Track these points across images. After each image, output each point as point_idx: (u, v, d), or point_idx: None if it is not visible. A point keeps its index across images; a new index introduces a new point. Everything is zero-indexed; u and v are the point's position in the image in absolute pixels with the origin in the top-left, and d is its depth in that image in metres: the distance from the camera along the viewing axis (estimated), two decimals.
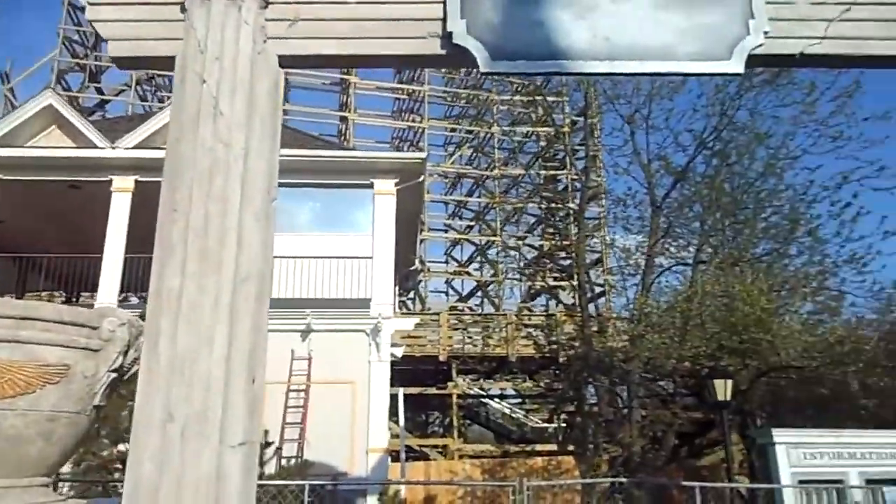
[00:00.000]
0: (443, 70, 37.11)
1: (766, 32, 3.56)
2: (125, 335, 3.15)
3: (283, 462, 10.85)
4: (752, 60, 3.60)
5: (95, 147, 12.94)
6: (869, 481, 10.16)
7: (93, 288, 13.09)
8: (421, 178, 13.95)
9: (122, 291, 12.90)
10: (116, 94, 32.44)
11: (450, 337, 18.58)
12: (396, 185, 13.69)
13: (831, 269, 13.40)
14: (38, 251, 14.28)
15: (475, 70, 3.55)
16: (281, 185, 11.84)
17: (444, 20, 3.52)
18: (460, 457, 16.94)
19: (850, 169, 14.22)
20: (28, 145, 13.53)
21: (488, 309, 24.95)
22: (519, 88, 30.87)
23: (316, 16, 3.61)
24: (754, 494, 12.10)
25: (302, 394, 11.94)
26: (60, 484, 6.59)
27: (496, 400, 22.05)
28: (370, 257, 13.06)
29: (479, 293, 28.52)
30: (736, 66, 3.54)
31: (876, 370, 12.64)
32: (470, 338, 18.71)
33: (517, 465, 14.61)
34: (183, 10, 3.52)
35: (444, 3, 3.51)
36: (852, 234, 13.44)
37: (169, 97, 18.75)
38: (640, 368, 12.36)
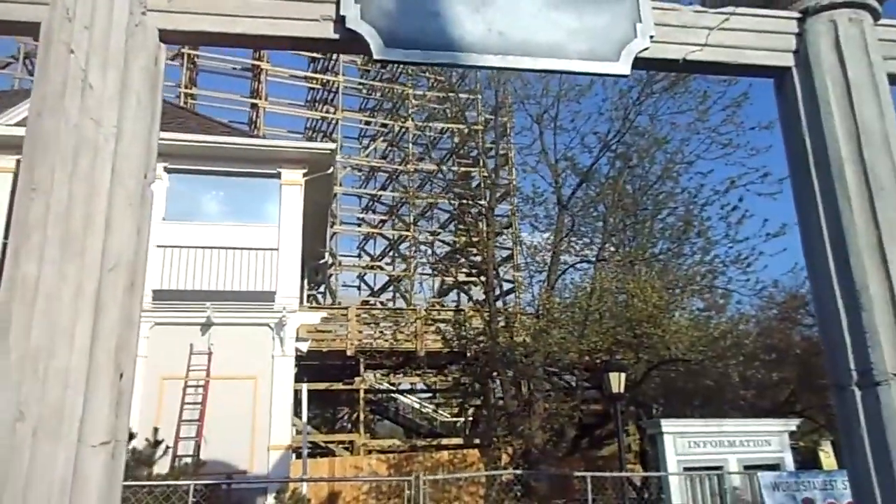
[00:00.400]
0: (358, 61, 36.80)
1: (651, 37, 3.70)
2: None
3: (178, 462, 10.37)
4: (638, 63, 3.73)
5: None
6: (747, 467, 10.91)
7: None
8: (330, 170, 13.69)
9: None
10: (2, 68, 29.98)
11: (360, 332, 18.40)
12: (305, 175, 13.37)
13: (720, 268, 14.29)
14: None
15: (368, 57, 3.48)
16: (183, 171, 11.35)
17: (337, 3, 3.44)
18: (368, 452, 16.81)
19: (737, 174, 15.20)
20: None
21: (400, 304, 24.91)
22: (434, 84, 31.00)
23: None
24: (646, 482, 12.72)
25: (200, 390, 11.46)
26: None
27: (405, 395, 22.05)
28: (276, 249, 12.70)
29: (391, 288, 28.43)
30: (623, 67, 3.65)
31: (754, 363, 13.58)
32: (381, 333, 18.60)
33: (423, 459, 14.66)
34: None
35: None
36: (738, 236, 14.39)
37: None
38: (541, 362, 12.69)
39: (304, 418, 13.78)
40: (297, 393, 14.24)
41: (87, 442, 2.67)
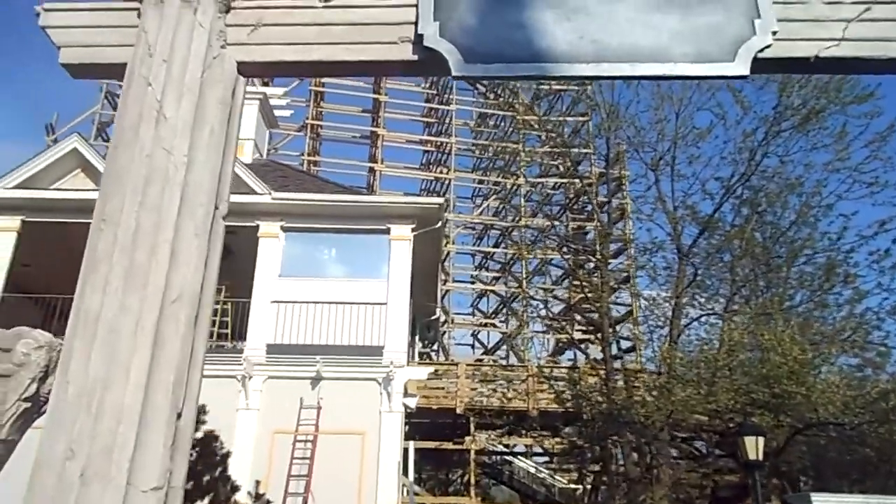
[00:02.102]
0: (471, 122, 37.65)
1: (774, 33, 3.20)
2: (42, 360, 2.79)
3: None
4: (760, 64, 3.22)
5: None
6: None
7: None
8: (438, 224, 13.67)
9: None
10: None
11: (475, 389, 17.89)
12: (413, 230, 13.43)
13: (873, 321, 12.54)
14: (57, 293, 14.27)
15: (448, 76, 3.24)
16: (298, 230, 11.66)
17: (416, 24, 3.25)
18: None
19: (888, 216, 13.50)
20: (53, 188, 13.71)
21: (513, 362, 24.18)
22: (546, 139, 30.90)
23: (279, 21, 3.37)
24: None
25: (309, 444, 11.43)
26: None
27: (519, 458, 21.05)
28: (384, 304, 12.69)
29: (504, 346, 27.80)
30: (740, 68, 3.16)
31: None
32: (493, 390, 18.00)
33: None
34: (139, 15, 3.33)
35: (417, 5, 3.25)
36: (893, 285, 12.62)
37: None
38: (662, 422, 11.52)
39: (411, 477, 13.36)
40: (406, 451, 13.92)
41: (138, 486, 2.47)
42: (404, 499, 13.21)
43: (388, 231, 13.34)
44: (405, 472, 14.07)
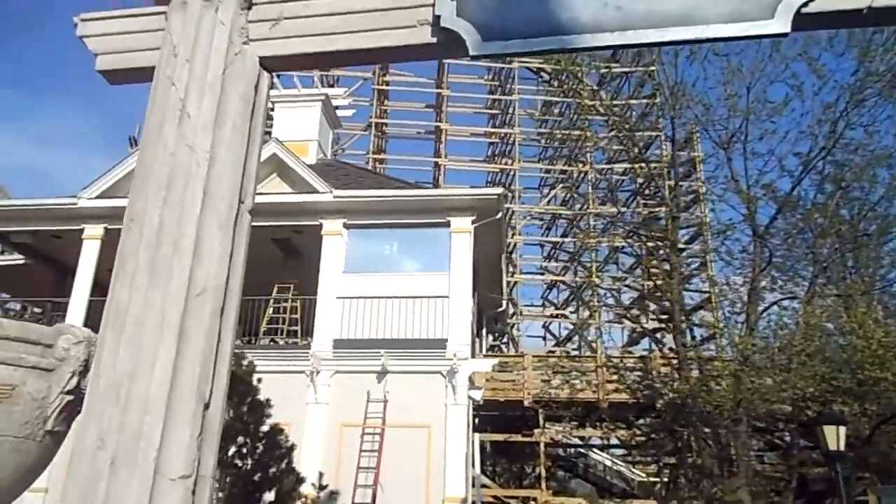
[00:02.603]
0: (535, 111, 37.12)
1: None
2: (81, 354, 2.90)
3: None
4: (803, 20, 2.96)
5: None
6: None
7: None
8: (499, 215, 13.53)
9: None
10: None
11: (543, 381, 17.66)
12: (473, 222, 13.35)
13: None
14: None
15: (466, 56, 3.15)
16: (360, 226, 11.79)
17: (433, 5, 3.19)
18: None
19: None
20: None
21: (585, 354, 23.71)
22: (613, 125, 30.08)
23: (299, 13, 3.38)
24: None
25: (377, 437, 11.59)
26: None
27: (594, 451, 20.63)
28: (446, 297, 12.69)
29: (577, 337, 27.31)
30: (780, 25, 2.92)
31: None
32: (564, 381, 17.68)
33: None
34: (166, 18, 3.41)
35: None
36: None
37: None
38: (730, 411, 10.94)
39: (477, 469, 13.34)
40: (473, 443, 13.90)
41: (165, 474, 2.53)
42: (473, 491, 13.20)
43: (448, 224, 13.33)
44: (473, 465, 14.07)
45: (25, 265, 16.49)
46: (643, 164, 23.91)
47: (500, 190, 13.24)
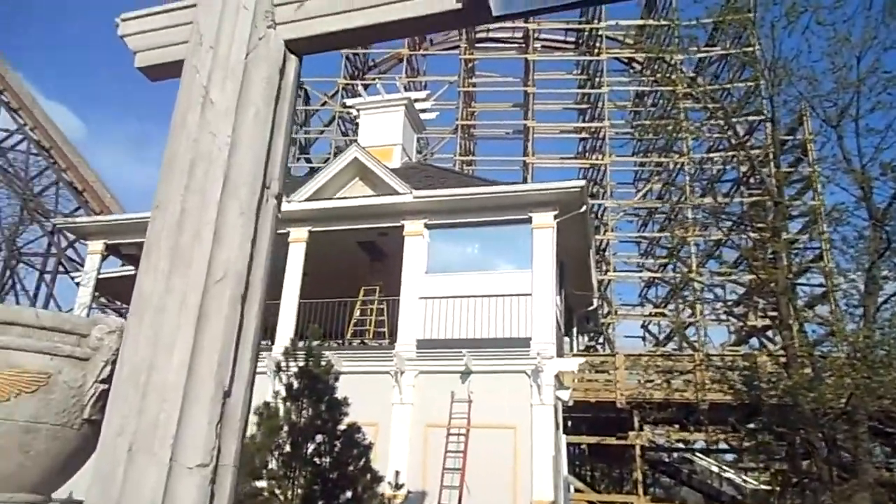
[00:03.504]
0: (628, 103, 35.83)
1: None
2: (114, 343, 2.93)
3: None
4: None
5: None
6: None
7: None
8: (582, 209, 13.05)
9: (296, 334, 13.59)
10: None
11: (645, 381, 16.82)
12: (556, 217, 12.96)
13: None
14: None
15: (490, 18, 2.94)
16: (441, 226, 11.70)
17: None
18: None
19: None
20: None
21: (680, 352, 22.47)
22: (712, 113, 28.49)
23: None
24: None
25: (462, 438, 11.45)
26: None
27: (699, 455, 19.46)
28: (529, 294, 12.37)
29: (677, 337, 25.95)
30: None
31: None
32: (665, 381, 16.74)
33: None
34: (195, 8, 3.43)
35: None
36: None
37: None
38: (839, 411, 9.85)
39: (564, 471, 12.85)
40: (561, 445, 13.47)
41: (182, 463, 2.49)
42: (562, 495, 12.76)
43: (529, 220, 13.01)
44: (571, 470, 13.62)
45: None
46: (744, 151, 22.47)
47: (582, 182, 12.73)
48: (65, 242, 29.67)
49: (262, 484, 7.44)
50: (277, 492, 7.29)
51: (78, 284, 17.05)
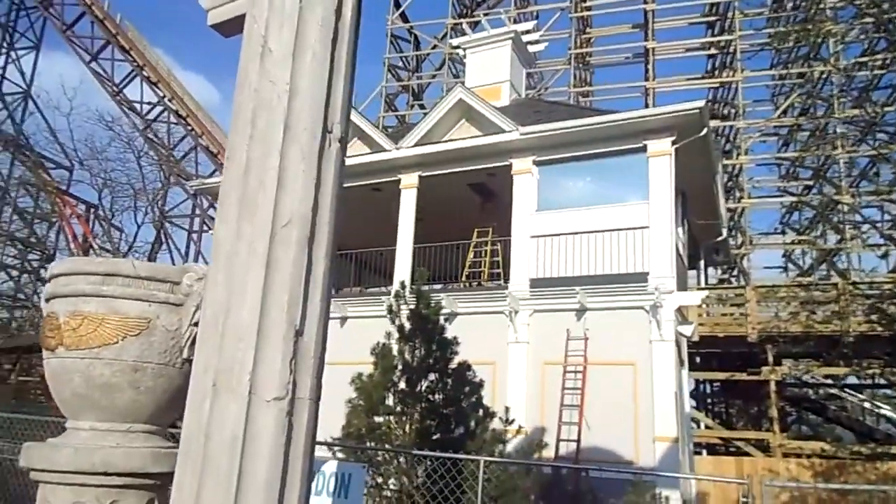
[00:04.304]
0: (765, 9, 32.29)
1: None
2: (202, 289, 3.14)
3: (560, 446, 10.48)
4: None
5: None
6: None
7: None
8: (703, 132, 12.15)
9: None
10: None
11: (781, 313, 15.69)
12: (674, 143, 12.19)
13: None
14: (359, 247, 16.18)
15: None
16: (550, 162, 11.49)
17: None
18: (784, 455, 14.21)
19: None
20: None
21: (820, 281, 20.62)
22: (863, 9, 25.06)
23: None
24: None
25: (579, 375, 11.40)
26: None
27: (848, 390, 18.02)
28: (646, 227, 11.83)
29: (824, 266, 23.83)
30: None
31: None
32: (807, 312, 15.46)
33: (864, 469, 11.57)
34: None
35: None
36: None
37: None
38: None
39: (686, 408, 12.43)
40: (698, 383, 13.02)
41: (261, 396, 2.65)
42: (700, 432, 12.40)
43: (644, 148, 12.33)
44: (700, 407, 13.18)
45: None
46: None
47: (700, 103, 11.77)
48: (206, 203, 32.36)
49: (379, 419, 7.85)
50: (394, 426, 7.67)
51: None
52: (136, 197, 36.38)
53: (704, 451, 15.58)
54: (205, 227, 32.84)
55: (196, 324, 3.21)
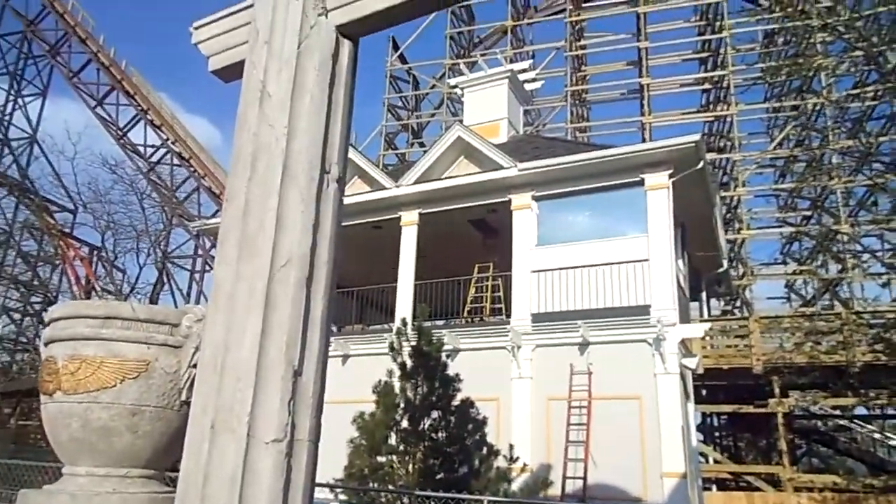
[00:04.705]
0: (756, 47, 32.90)
1: None
2: (201, 330, 3.15)
3: (566, 483, 10.30)
4: None
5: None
6: None
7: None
8: (700, 165, 12.26)
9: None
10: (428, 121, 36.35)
11: (785, 344, 15.57)
12: (671, 176, 12.29)
13: None
14: (358, 285, 16.29)
15: None
16: (549, 197, 11.61)
17: None
18: (796, 489, 13.92)
19: None
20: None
21: (822, 312, 20.52)
22: (856, 42, 25.52)
23: None
24: None
25: (584, 409, 11.27)
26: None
27: (857, 421, 17.76)
28: (646, 260, 11.85)
29: (827, 295, 23.75)
30: None
31: None
32: (805, 343, 15.33)
33: (878, 503, 11.31)
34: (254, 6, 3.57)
35: None
36: None
37: None
38: None
39: (693, 442, 12.24)
40: (705, 416, 12.86)
41: (259, 438, 2.64)
42: (706, 467, 12.21)
43: (642, 182, 12.43)
44: (708, 441, 13.00)
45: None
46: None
47: (696, 136, 11.91)
48: (209, 243, 32.50)
49: (382, 459, 7.75)
50: (397, 465, 7.57)
51: None
52: (138, 238, 36.61)
53: (714, 487, 15.31)
54: (207, 268, 32.94)
55: (195, 365, 3.21)
